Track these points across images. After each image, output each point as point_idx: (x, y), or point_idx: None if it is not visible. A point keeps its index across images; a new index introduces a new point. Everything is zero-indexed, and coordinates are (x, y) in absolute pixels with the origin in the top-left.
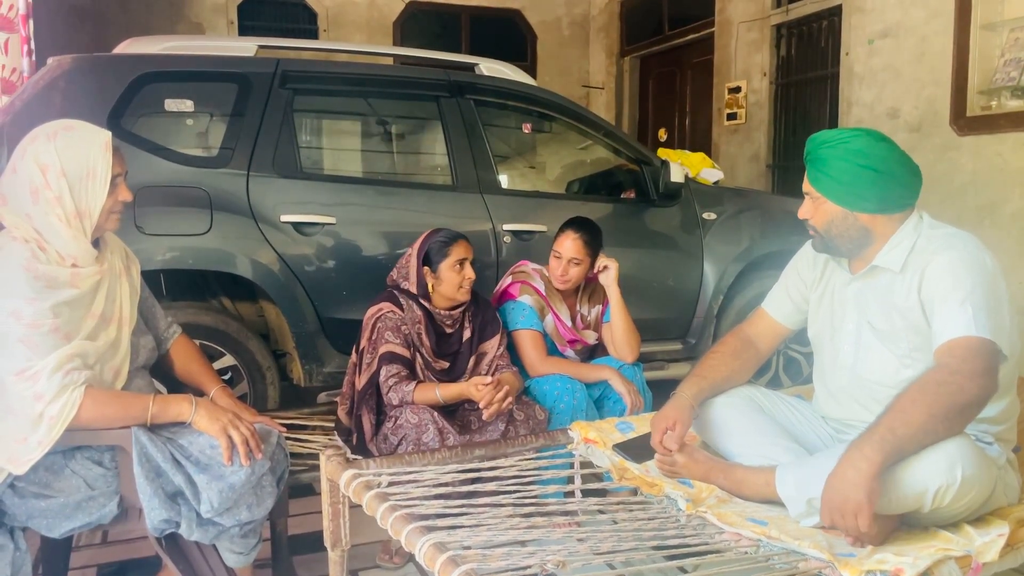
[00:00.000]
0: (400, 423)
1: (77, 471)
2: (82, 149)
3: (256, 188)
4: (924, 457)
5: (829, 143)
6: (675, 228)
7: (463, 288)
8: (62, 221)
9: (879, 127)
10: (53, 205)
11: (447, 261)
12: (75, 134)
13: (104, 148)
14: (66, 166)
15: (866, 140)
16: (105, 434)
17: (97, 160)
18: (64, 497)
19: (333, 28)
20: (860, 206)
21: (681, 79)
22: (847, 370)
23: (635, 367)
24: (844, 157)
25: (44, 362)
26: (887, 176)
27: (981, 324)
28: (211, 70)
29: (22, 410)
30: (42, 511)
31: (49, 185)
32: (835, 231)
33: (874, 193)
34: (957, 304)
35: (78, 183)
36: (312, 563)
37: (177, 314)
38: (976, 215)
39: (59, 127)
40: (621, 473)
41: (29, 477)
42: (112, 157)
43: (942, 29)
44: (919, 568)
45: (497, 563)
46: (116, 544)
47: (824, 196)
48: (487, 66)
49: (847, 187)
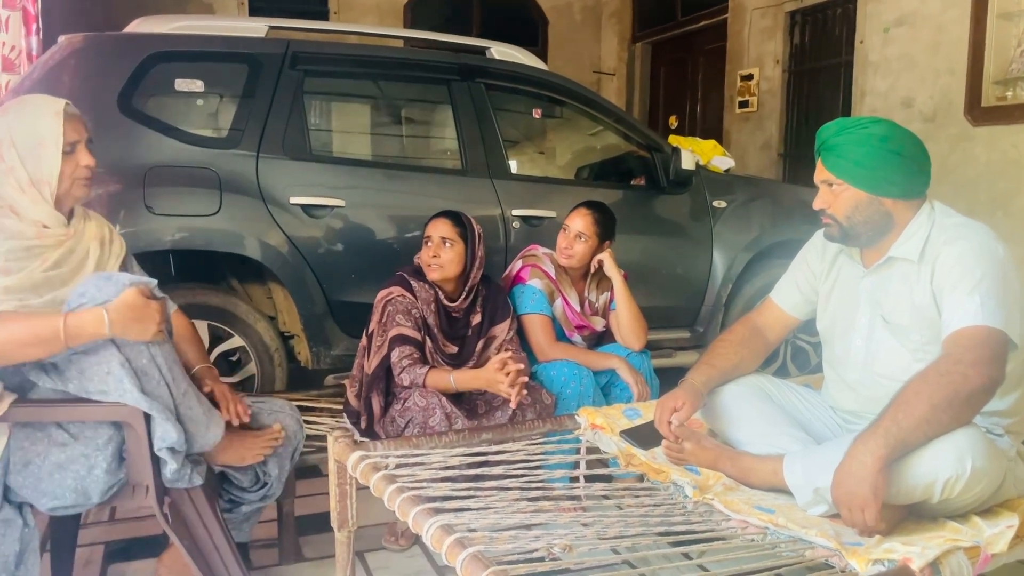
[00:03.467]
0: (408, 405)
1: (54, 439)
2: (29, 120)
3: (266, 169)
4: (934, 448)
5: (849, 129)
6: (685, 216)
7: (431, 266)
8: (16, 190)
9: (893, 116)
10: (7, 175)
11: (425, 237)
12: (25, 107)
13: (54, 116)
14: (15, 137)
15: (887, 125)
16: (115, 410)
17: (45, 129)
18: (40, 463)
19: (344, 10)
20: (885, 190)
21: (693, 66)
22: (858, 365)
23: (643, 355)
24: (867, 142)
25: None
26: (910, 160)
27: (990, 313)
28: (222, 50)
29: None
30: (31, 483)
31: (2, 157)
32: (859, 217)
33: (899, 177)
34: (965, 293)
35: (29, 152)
36: (318, 543)
37: (186, 295)
38: (989, 206)
39: (13, 103)
40: (628, 459)
41: (14, 446)
42: (65, 124)
43: (958, 18)
44: (927, 558)
45: (504, 546)
46: (123, 522)
47: (846, 182)
48: (498, 50)
49: (871, 171)
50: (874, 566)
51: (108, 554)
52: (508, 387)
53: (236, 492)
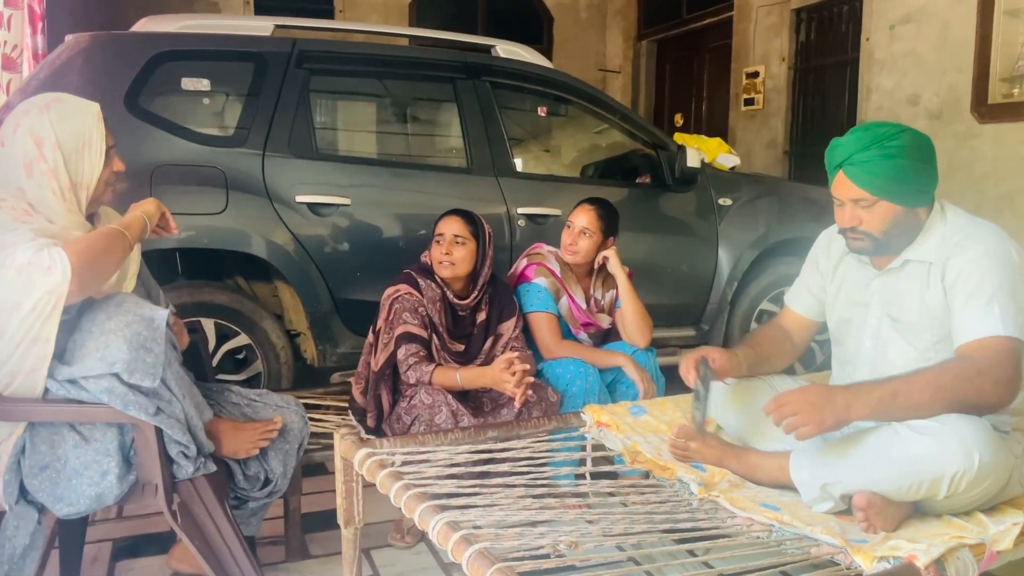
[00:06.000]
0: (414, 403)
1: (69, 442)
2: (77, 120)
3: (272, 168)
4: (940, 443)
5: (878, 143)
6: (690, 214)
7: (443, 264)
8: (56, 195)
9: (899, 114)
10: (48, 178)
11: (435, 234)
12: (67, 105)
13: (97, 119)
14: (61, 138)
15: (910, 134)
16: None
17: (92, 130)
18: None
19: (349, 9)
20: (920, 200)
21: (698, 63)
22: (867, 365)
23: (648, 352)
24: (898, 154)
25: (20, 245)
26: (932, 166)
27: (1008, 323)
28: (228, 49)
29: (16, 294)
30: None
31: (44, 158)
32: (896, 231)
33: (930, 185)
34: (984, 302)
35: (74, 154)
36: (325, 541)
37: (192, 293)
38: (996, 204)
39: (50, 99)
40: (633, 456)
41: (30, 450)
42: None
43: (965, 15)
44: (932, 555)
45: (510, 543)
46: (131, 519)
47: (881, 198)
48: (504, 48)
49: (907, 184)
50: (879, 563)
51: (116, 551)
52: (514, 387)
53: (241, 489)
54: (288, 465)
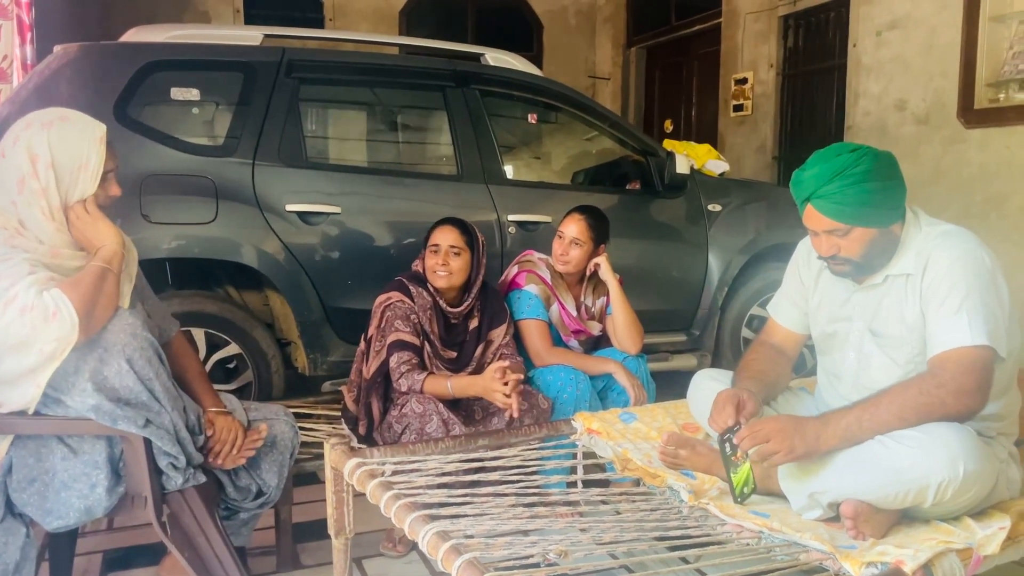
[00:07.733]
0: (405, 411)
1: (57, 455)
2: (75, 141)
3: (262, 177)
4: (926, 452)
5: (840, 173)
6: (680, 219)
7: (437, 273)
8: (45, 215)
9: (886, 119)
10: (37, 197)
11: (429, 243)
12: (70, 125)
13: (99, 142)
14: (56, 158)
15: (871, 155)
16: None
17: (91, 153)
18: (46, 480)
19: (339, 17)
20: (891, 218)
21: (688, 70)
22: (851, 378)
23: (639, 359)
24: (862, 180)
25: (19, 283)
26: (899, 180)
27: (977, 331)
28: (217, 59)
29: (18, 335)
30: (36, 502)
31: (37, 175)
32: (874, 252)
33: (898, 200)
34: (953, 312)
35: (68, 176)
36: (316, 551)
37: (183, 303)
38: (983, 208)
39: (55, 116)
40: (624, 464)
41: (18, 463)
42: (106, 151)
43: (951, 21)
44: (920, 560)
45: (500, 552)
46: (121, 530)
47: (853, 225)
48: (493, 56)
49: (877, 207)
50: (867, 569)
51: (106, 562)
52: (505, 397)
53: (232, 500)
54: (281, 476)
